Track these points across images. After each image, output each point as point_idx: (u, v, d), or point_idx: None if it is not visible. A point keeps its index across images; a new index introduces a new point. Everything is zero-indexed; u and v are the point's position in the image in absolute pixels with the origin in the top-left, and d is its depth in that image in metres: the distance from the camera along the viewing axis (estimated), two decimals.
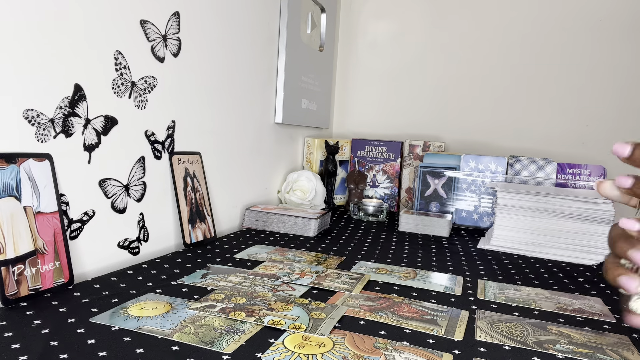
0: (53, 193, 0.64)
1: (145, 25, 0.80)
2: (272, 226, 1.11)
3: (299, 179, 1.32)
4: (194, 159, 0.95)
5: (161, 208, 0.87)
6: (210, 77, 0.99)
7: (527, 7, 1.51)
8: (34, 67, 0.62)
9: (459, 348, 0.54)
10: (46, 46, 0.63)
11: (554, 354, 0.54)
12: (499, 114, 1.55)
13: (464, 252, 1.02)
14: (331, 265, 0.85)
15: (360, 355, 0.51)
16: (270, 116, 1.28)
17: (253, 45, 1.14)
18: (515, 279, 0.85)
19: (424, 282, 0.78)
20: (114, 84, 0.75)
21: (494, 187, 1.15)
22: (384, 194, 1.52)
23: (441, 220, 1.19)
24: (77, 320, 0.55)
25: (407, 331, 0.58)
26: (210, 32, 0.97)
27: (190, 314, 0.58)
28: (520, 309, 0.69)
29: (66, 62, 0.66)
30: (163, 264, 0.79)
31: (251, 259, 0.85)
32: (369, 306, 0.65)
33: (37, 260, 0.61)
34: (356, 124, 1.73)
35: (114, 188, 0.77)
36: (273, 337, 0.54)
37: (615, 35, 1.43)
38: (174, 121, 0.89)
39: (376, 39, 1.69)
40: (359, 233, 1.15)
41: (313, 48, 1.47)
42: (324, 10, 1.51)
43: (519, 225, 1.05)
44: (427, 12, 1.62)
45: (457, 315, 0.64)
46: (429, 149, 1.48)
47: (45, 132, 0.64)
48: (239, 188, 1.15)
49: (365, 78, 1.71)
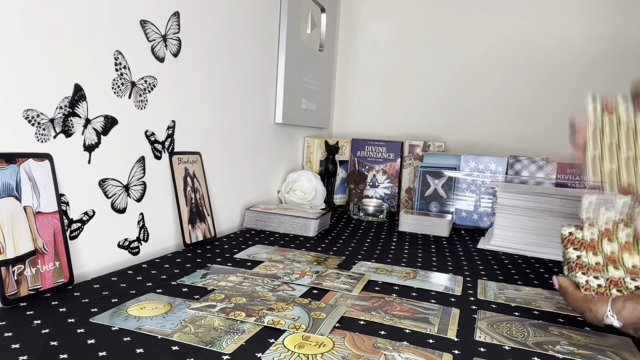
0: (53, 193, 0.64)
1: (145, 25, 0.80)
2: (272, 226, 1.11)
3: (299, 179, 1.32)
4: (194, 159, 0.95)
5: (161, 208, 0.87)
6: (210, 77, 0.99)
7: (527, 8, 1.51)
8: (34, 67, 0.62)
9: (458, 348, 0.54)
10: (46, 46, 0.63)
11: (554, 355, 0.54)
12: (499, 114, 1.55)
13: (464, 252, 1.02)
14: (331, 265, 0.85)
15: (360, 355, 0.51)
16: (270, 116, 1.28)
17: (253, 45, 1.14)
18: (515, 279, 0.85)
19: (424, 282, 0.78)
20: (114, 84, 0.75)
21: (494, 187, 1.15)
22: (384, 194, 1.52)
23: (441, 220, 1.19)
24: (77, 320, 0.55)
25: (407, 331, 0.58)
26: (210, 32, 0.97)
27: (190, 314, 0.58)
28: (520, 309, 0.69)
29: (66, 62, 0.66)
30: (163, 264, 0.79)
31: (251, 259, 0.85)
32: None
33: (37, 260, 0.61)
34: (356, 124, 1.73)
35: (114, 188, 0.77)
36: (273, 337, 0.54)
37: (610, 40, 1.43)
38: (174, 121, 0.89)
39: (376, 39, 1.69)
40: (359, 233, 1.15)
41: (313, 48, 1.47)
42: (324, 10, 1.51)
43: (519, 225, 1.05)
44: (427, 12, 1.61)
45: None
46: (429, 149, 1.48)
47: (45, 132, 0.64)
48: (239, 188, 1.15)
49: (365, 78, 1.71)
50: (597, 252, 0.59)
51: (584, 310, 0.56)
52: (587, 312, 0.56)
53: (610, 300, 0.54)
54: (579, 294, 0.58)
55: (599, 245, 0.59)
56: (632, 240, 0.58)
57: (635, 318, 0.52)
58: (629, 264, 0.58)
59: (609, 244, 0.59)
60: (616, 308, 0.53)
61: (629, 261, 0.58)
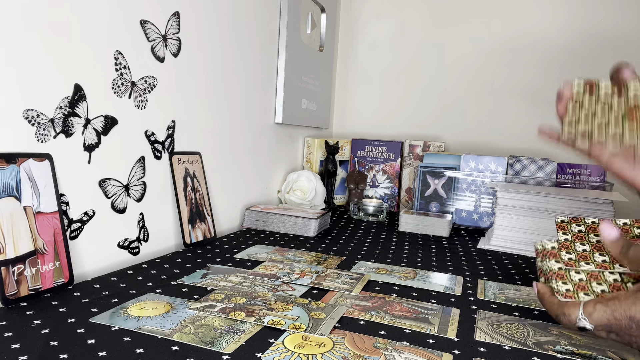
0: (53, 193, 0.64)
1: (145, 25, 0.80)
2: (272, 226, 1.11)
3: (299, 179, 1.32)
4: (194, 159, 0.95)
5: (161, 208, 0.87)
6: (210, 77, 0.99)
7: (527, 7, 1.51)
8: (34, 67, 0.62)
9: (458, 348, 0.54)
10: (46, 46, 0.63)
11: (554, 355, 0.54)
12: (499, 114, 1.55)
13: (464, 252, 1.02)
14: (331, 265, 0.85)
15: (360, 355, 0.51)
16: (270, 116, 1.28)
17: (253, 45, 1.14)
18: (515, 279, 0.85)
19: (424, 282, 0.78)
20: (114, 84, 0.75)
21: (494, 187, 1.15)
22: (384, 194, 1.52)
23: (441, 220, 1.19)
24: (77, 320, 0.55)
25: (407, 331, 0.58)
26: (210, 32, 0.97)
27: (190, 314, 0.58)
28: (520, 309, 0.69)
29: (66, 62, 0.66)
30: (163, 264, 0.79)
31: (251, 259, 0.85)
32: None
33: (37, 260, 0.61)
34: (356, 124, 1.73)
35: (114, 188, 0.77)
36: (273, 337, 0.54)
37: (611, 39, 1.43)
38: (174, 121, 0.89)
39: (376, 38, 1.69)
40: (359, 233, 1.15)
41: (313, 48, 1.47)
42: (324, 10, 1.51)
43: (519, 225, 1.05)
44: (427, 11, 1.62)
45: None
46: (429, 149, 1.48)
47: (45, 132, 0.64)
48: (239, 188, 1.15)
49: (365, 78, 1.71)
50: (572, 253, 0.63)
51: (558, 314, 0.58)
52: (562, 316, 0.58)
53: (582, 304, 0.56)
54: (554, 300, 0.60)
55: (572, 246, 0.63)
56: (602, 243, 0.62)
57: (605, 320, 0.54)
58: (600, 260, 0.62)
59: (581, 244, 0.63)
60: (587, 311, 0.55)
61: (599, 259, 0.62)
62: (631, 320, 0.52)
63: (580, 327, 0.56)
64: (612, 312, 0.53)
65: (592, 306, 0.55)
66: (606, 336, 0.57)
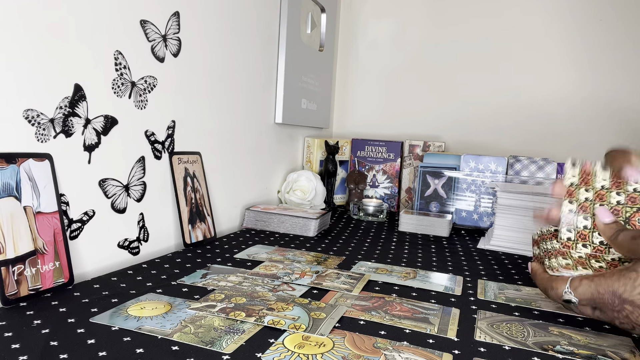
0: (53, 193, 0.64)
1: (145, 25, 0.80)
2: (272, 226, 1.11)
3: (299, 179, 1.32)
4: (194, 159, 0.95)
5: (161, 208, 0.87)
6: (210, 77, 0.99)
7: (527, 7, 1.51)
8: (34, 67, 0.62)
9: (458, 348, 0.54)
10: (46, 46, 0.63)
11: (554, 355, 0.54)
12: (498, 113, 1.55)
13: (464, 252, 1.02)
14: (331, 265, 0.85)
15: (360, 355, 0.51)
16: (270, 116, 1.28)
17: (253, 45, 1.14)
18: (515, 279, 0.85)
19: (424, 282, 0.78)
20: (114, 84, 0.75)
21: (494, 187, 1.15)
22: (384, 194, 1.52)
23: (441, 220, 1.19)
24: (77, 320, 0.55)
25: (407, 331, 0.58)
26: (210, 32, 0.97)
27: (190, 314, 0.58)
28: (520, 309, 0.69)
29: (66, 62, 0.66)
30: (163, 264, 0.79)
31: (251, 259, 0.85)
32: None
33: (37, 260, 0.61)
34: (356, 124, 1.73)
35: (114, 188, 0.77)
36: (273, 337, 0.54)
37: (613, 41, 1.43)
38: (174, 121, 0.89)
39: (376, 38, 1.69)
40: (359, 233, 1.15)
41: (313, 48, 1.47)
42: (324, 10, 1.51)
43: (519, 225, 1.05)
44: (427, 11, 1.62)
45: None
46: (429, 149, 1.48)
47: (45, 132, 0.64)
48: (239, 188, 1.15)
49: (365, 78, 1.71)
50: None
51: (547, 288, 0.62)
52: (550, 290, 0.61)
53: (570, 279, 0.60)
54: (545, 275, 0.63)
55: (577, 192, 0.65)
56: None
57: (589, 294, 0.57)
58: (597, 242, 0.63)
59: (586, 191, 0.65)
60: (574, 285, 0.59)
61: (597, 239, 0.63)
62: (614, 295, 0.55)
63: (565, 300, 0.59)
64: (596, 286, 0.56)
65: (578, 281, 0.59)
66: (591, 313, 0.60)
